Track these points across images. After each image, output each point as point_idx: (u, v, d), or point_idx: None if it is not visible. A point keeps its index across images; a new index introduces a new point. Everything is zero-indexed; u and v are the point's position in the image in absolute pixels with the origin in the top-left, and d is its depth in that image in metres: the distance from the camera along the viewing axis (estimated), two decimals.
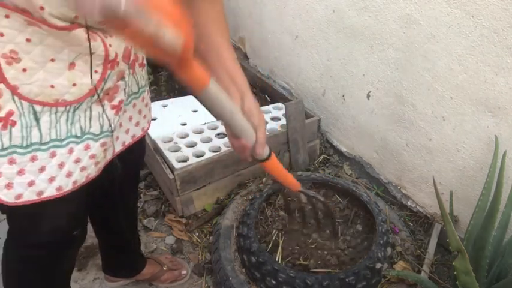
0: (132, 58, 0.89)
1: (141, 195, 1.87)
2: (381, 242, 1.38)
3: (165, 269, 1.48)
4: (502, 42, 1.21)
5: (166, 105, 2.16)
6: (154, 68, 2.59)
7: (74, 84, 0.77)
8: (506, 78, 1.23)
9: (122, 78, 0.87)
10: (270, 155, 0.92)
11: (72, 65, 0.76)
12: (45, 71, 0.73)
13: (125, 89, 0.89)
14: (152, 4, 0.53)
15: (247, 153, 0.83)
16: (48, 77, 0.74)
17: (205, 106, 0.82)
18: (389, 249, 1.42)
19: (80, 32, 0.73)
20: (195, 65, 0.68)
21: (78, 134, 0.83)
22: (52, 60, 0.73)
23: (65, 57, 0.74)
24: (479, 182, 1.42)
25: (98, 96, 0.83)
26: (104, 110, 0.86)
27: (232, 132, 0.82)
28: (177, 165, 1.67)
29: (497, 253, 1.23)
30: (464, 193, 1.50)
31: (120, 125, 0.98)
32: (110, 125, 0.88)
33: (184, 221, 1.74)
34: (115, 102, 0.88)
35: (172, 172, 1.64)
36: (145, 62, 1.01)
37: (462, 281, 1.08)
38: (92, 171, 0.90)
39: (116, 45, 0.81)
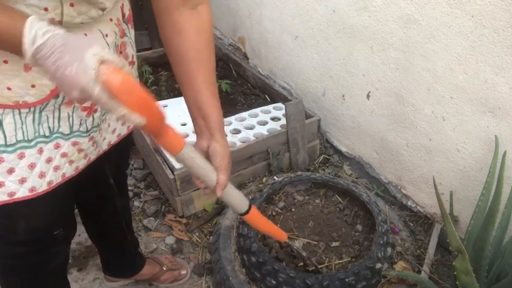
0: None
1: (141, 195, 1.87)
2: (381, 242, 1.38)
3: (164, 269, 1.48)
4: (502, 42, 1.21)
5: (166, 105, 2.16)
6: (155, 68, 2.58)
7: (33, 86, 0.74)
8: (506, 78, 1.23)
9: None
10: (249, 208, 0.91)
11: (27, 66, 0.73)
12: None
13: None
14: (119, 92, 0.58)
15: (208, 191, 0.85)
16: (3, 79, 0.72)
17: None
18: (389, 249, 1.42)
19: None
20: (170, 133, 0.72)
21: (47, 134, 0.81)
22: (5, 62, 0.71)
23: (19, 58, 0.70)
24: (479, 182, 1.42)
25: (63, 98, 0.80)
26: (74, 112, 0.83)
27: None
28: (177, 165, 1.67)
29: (497, 253, 1.22)
30: (464, 193, 1.50)
31: (108, 125, 0.97)
32: (80, 125, 0.86)
33: (184, 221, 1.73)
34: (86, 104, 0.85)
35: (172, 172, 1.64)
36: (135, 59, 0.99)
37: (462, 281, 1.08)
38: (68, 170, 0.88)
39: None
